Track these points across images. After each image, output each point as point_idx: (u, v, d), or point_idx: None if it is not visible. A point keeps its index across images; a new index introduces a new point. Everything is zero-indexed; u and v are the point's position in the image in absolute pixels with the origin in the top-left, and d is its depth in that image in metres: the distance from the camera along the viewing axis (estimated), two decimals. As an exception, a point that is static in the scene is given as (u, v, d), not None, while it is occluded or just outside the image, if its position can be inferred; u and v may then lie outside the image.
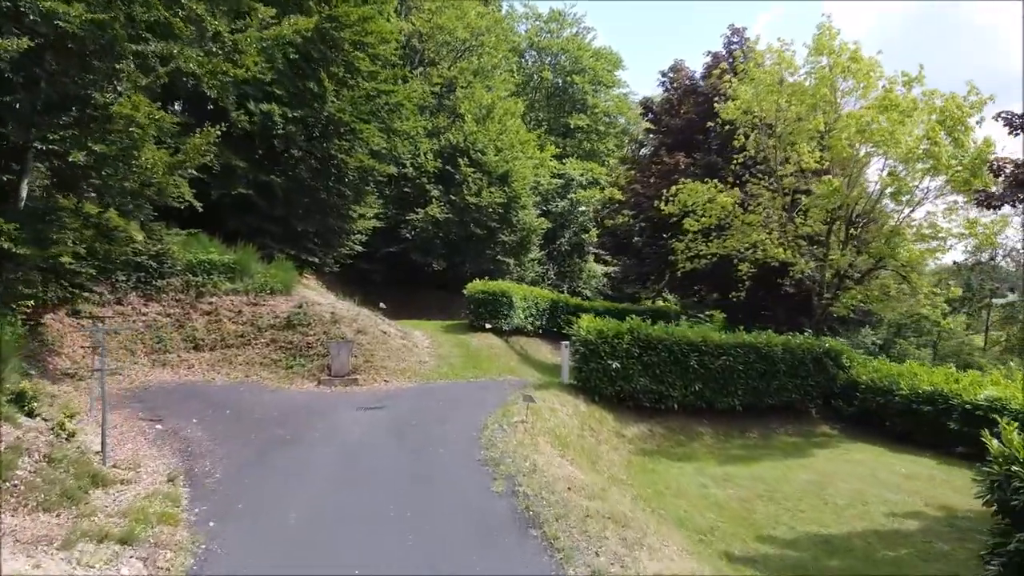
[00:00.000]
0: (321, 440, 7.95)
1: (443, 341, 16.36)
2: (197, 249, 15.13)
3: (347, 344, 12.53)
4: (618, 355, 10.62)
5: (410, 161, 25.33)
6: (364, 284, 26.10)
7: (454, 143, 26.07)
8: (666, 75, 21.01)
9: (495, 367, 14.50)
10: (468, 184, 24.88)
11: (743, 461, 9.66)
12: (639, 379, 10.65)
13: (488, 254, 25.85)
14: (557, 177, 36.94)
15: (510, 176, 26.24)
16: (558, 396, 10.34)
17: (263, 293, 14.85)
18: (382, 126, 19.09)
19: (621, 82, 46.64)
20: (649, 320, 11.72)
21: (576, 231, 37.66)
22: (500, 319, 17.89)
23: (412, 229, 24.69)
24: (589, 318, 11.60)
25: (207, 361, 13.12)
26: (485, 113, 28.01)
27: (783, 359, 11.24)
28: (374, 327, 14.56)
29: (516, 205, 26.40)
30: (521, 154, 27.92)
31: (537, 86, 44.98)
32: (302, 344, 13.44)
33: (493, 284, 17.93)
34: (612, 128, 44.70)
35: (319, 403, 10.27)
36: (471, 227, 24.98)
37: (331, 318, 14.24)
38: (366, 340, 13.76)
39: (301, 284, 17.69)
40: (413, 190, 25.37)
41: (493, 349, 16.48)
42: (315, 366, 12.75)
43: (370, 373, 12.64)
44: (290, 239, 17.57)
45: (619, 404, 10.79)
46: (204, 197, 16.21)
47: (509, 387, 11.61)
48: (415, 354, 14.55)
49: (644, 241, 18.66)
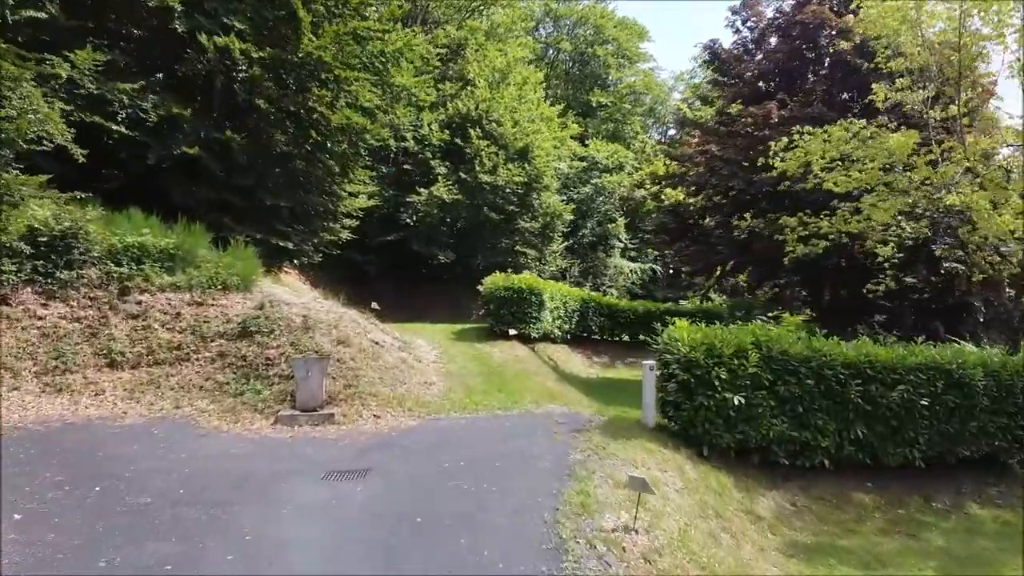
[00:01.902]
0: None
1: (455, 353, 12.74)
2: (126, 229, 11.56)
3: (320, 362, 8.90)
4: (740, 384, 6.99)
5: (411, 133, 21.73)
6: (355, 280, 22.52)
7: (463, 112, 22.46)
8: (737, 12, 17.44)
9: (529, 390, 10.86)
10: (481, 159, 21.27)
11: (966, 563, 6.06)
12: (772, 422, 6.99)
13: (505, 244, 22.26)
14: (579, 160, 33.36)
15: (530, 151, 22.61)
16: (649, 451, 6.70)
17: (213, 289, 11.25)
18: (375, 79, 15.44)
19: (646, 55, 42.93)
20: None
21: (600, 220, 34.14)
22: (528, 323, 14.25)
23: (414, 213, 21.08)
24: (686, 325, 7.92)
25: (125, 385, 9.53)
26: (500, 78, 24.38)
27: (985, 388, 7.55)
28: (361, 336, 10.95)
29: (538, 185, 22.78)
30: (544, 128, 24.30)
31: (553, 60, 41.29)
32: (259, 361, 9.82)
33: (518, 279, 14.31)
34: (638, 107, 40.94)
35: (264, 463, 6.66)
36: (484, 211, 21.38)
37: (302, 323, 10.62)
38: (350, 354, 10.13)
39: (270, 277, 14.12)
40: (415, 167, 21.77)
41: (521, 363, 12.85)
42: (275, 393, 9.13)
43: (353, 403, 9.01)
44: (257, 219, 13.98)
45: (738, 460, 7.17)
46: (138, 160, 12.69)
47: (563, 428, 7.96)
48: (418, 372, 10.93)
49: (719, 220, 14.98)
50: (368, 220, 21.54)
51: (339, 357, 9.92)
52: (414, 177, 21.99)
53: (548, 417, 8.90)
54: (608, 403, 11.34)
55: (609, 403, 11.37)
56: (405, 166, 21.58)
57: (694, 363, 7.06)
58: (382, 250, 21.52)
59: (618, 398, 12.17)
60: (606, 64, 39.41)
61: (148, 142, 12.41)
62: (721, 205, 14.52)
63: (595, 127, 38.24)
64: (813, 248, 10.29)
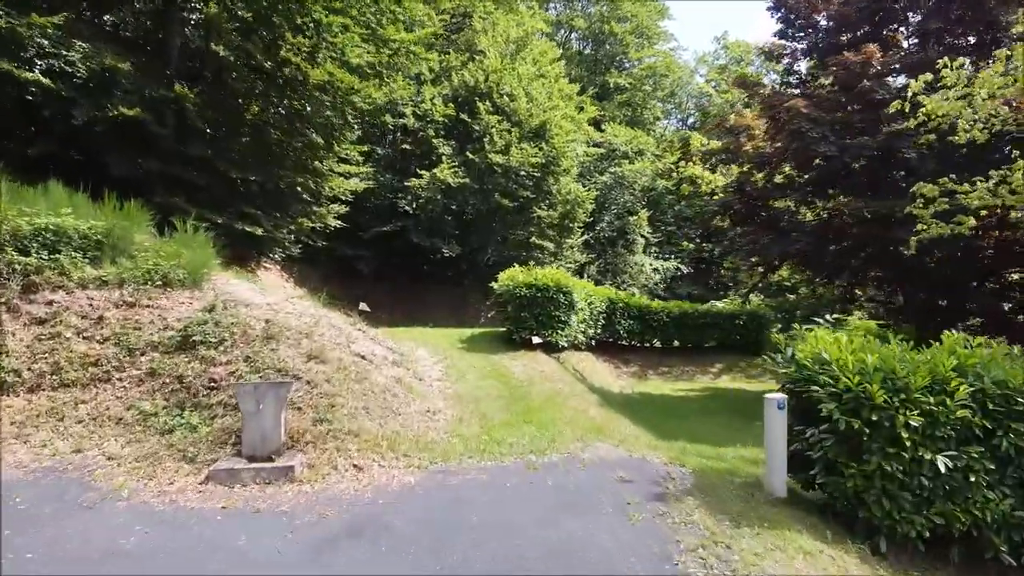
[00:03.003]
0: None
1: (465, 367, 10.21)
2: (39, 207, 9.10)
3: (278, 388, 6.35)
4: (941, 436, 4.41)
5: (411, 108, 19.20)
6: (347, 276, 20.03)
7: (471, 84, 19.90)
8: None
9: (566, 420, 8.30)
10: (491, 138, 18.71)
11: None
12: (988, 495, 4.39)
13: (519, 235, 19.70)
14: (595, 146, 30.82)
15: (548, 129, 20.04)
16: (808, 554, 4.09)
17: (150, 286, 8.76)
18: (366, 32, 12.89)
19: (666, 35, 40.27)
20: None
21: (619, 213, 31.61)
22: (555, 329, 11.71)
23: (414, 200, 18.55)
24: (835, 337, 5.25)
25: (15, 416, 7.03)
26: (514, 49, 21.81)
27: None
28: (343, 348, 8.42)
29: (556, 168, 20.19)
30: (563, 105, 21.72)
31: (566, 40, 38.67)
32: (200, 383, 7.30)
33: (543, 274, 11.76)
34: (658, 90, 38.31)
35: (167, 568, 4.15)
36: (495, 197, 18.82)
37: (264, 331, 8.10)
38: (325, 374, 7.60)
39: (236, 271, 11.60)
40: (415, 146, 19.23)
41: (549, 381, 10.30)
42: (215, 431, 6.60)
43: (326, 447, 6.45)
44: (219, 199, 11.47)
45: (931, 555, 4.59)
46: (64, 120, 10.21)
47: (635, 492, 5.43)
48: (418, 396, 8.39)
49: (798, 200, 12.27)
50: (361, 208, 19.04)
51: (310, 378, 7.38)
52: (414, 159, 19.46)
53: (604, 468, 6.34)
54: (668, 436, 8.79)
55: (669, 435, 8.82)
56: (404, 145, 19.05)
57: (865, 400, 4.50)
58: (377, 243, 19.03)
59: (677, 428, 9.62)
60: (624, 43, 36.78)
61: (75, 98, 9.91)
62: (795, 182, 11.86)
63: (611, 111, 35.64)
64: (956, 227, 7.73)
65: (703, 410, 12.29)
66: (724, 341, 19.87)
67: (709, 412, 12.06)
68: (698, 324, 19.52)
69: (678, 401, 14.19)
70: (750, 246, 13.31)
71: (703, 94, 39.30)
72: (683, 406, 13.03)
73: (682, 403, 13.69)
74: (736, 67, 39.22)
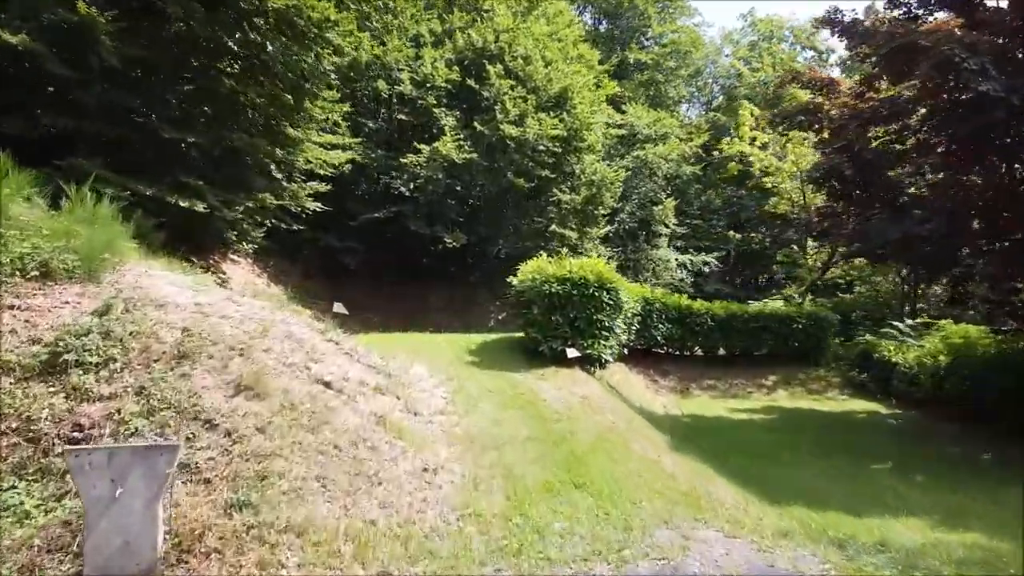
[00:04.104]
0: None
1: (478, 392, 7.48)
2: None
3: (154, 456, 3.64)
4: None
5: (408, 74, 16.49)
6: (333, 271, 17.36)
7: (478, 45, 17.18)
8: None
9: (635, 482, 5.57)
10: (503, 106, 15.98)
11: None
12: None
13: (537, 223, 16.96)
14: (615, 127, 28.09)
15: (569, 98, 17.29)
16: None
17: (20, 276, 6.07)
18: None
19: (690, 9, 37.49)
20: None
21: (642, 203, 28.91)
22: (596, 338, 8.98)
23: (410, 180, 15.84)
24: None
25: None
26: (527, 8, 19.08)
27: None
28: (296, 372, 5.72)
29: (579, 144, 17.43)
30: (585, 71, 18.99)
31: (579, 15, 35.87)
32: (59, 431, 4.58)
33: (580, 265, 9.07)
34: (683, 68, 35.49)
35: None
36: (508, 177, 16.10)
37: (175, 347, 5.41)
38: (259, 418, 4.88)
39: (169, 260, 8.85)
40: (412, 116, 16.50)
41: (596, 412, 7.55)
42: (56, 524, 3.88)
43: (242, 562, 3.72)
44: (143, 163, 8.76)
45: None
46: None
47: None
48: (411, 444, 5.66)
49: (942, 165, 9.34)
50: (348, 190, 16.35)
51: (232, 426, 4.65)
52: (412, 132, 16.76)
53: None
54: (779, 496, 6.04)
55: (780, 495, 6.07)
56: (399, 116, 16.33)
57: None
58: (368, 232, 16.35)
59: (779, 479, 6.87)
60: (644, 15, 34.01)
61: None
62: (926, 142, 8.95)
63: (631, 90, 32.84)
64: None
65: (788, 445, 9.55)
66: (778, 349, 17.11)
67: (798, 448, 9.31)
68: (748, 328, 16.78)
69: (745, 429, 11.45)
70: (855, 228, 10.48)
71: (731, 74, 36.46)
72: (757, 437, 10.29)
73: (752, 432, 10.96)
74: (767, 44, 36.43)
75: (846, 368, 17.13)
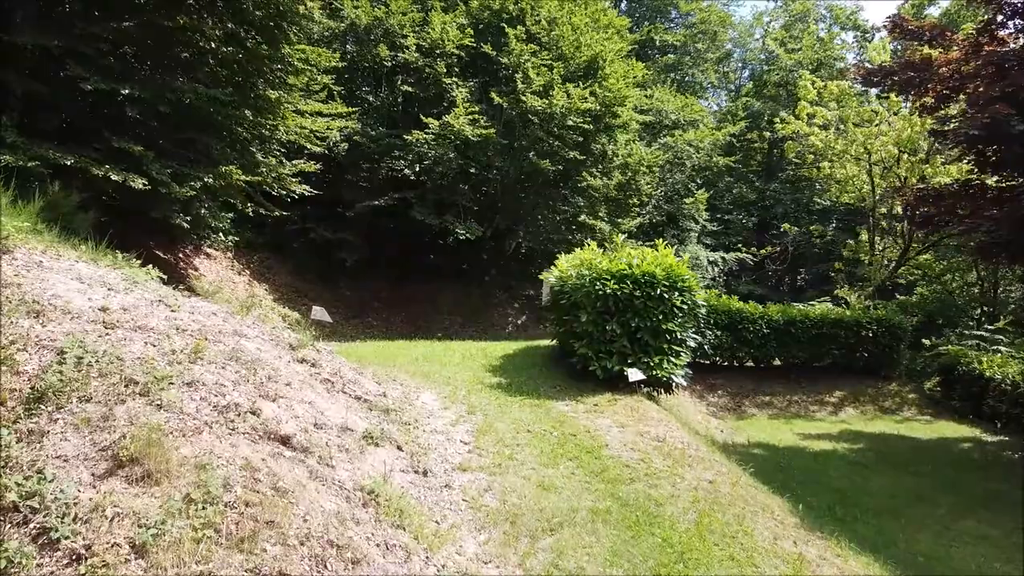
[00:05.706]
0: None
1: (511, 434, 5.38)
2: None
3: None
4: None
5: (413, 40, 14.43)
6: (327, 268, 15.32)
7: (496, 7, 15.08)
8: None
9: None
10: (525, 75, 13.87)
11: None
12: None
13: (562, 212, 14.82)
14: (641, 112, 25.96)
15: (601, 66, 15.15)
16: None
17: None
18: None
19: (719, -14, 35.24)
20: None
21: (669, 195, 26.83)
22: (666, 355, 6.87)
23: (416, 161, 13.77)
24: None
25: None
26: (547, -34, 16.93)
27: None
28: (238, 416, 3.61)
29: (612, 121, 15.27)
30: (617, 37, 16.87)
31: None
32: None
33: (642, 256, 6.98)
34: (714, 49, 33.30)
35: None
36: (530, 158, 13.98)
37: (34, 378, 3.31)
38: (140, 522, 2.76)
39: (124, 254, 6.79)
40: (419, 88, 14.42)
41: (683, 464, 5.41)
42: None
43: None
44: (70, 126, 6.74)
45: None
46: None
47: None
48: (416, 542, 3.55)
49: None
50: (343, 174, 14.32)
51: (85, 543, 2.56)
52: (418, 105, 14.68)
53: None
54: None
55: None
56: (404, 86, 14.24)
57: None
58: (367, 222, 14.29)
59: (933, 553, 4.75)
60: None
61: None
62: None
63: (655, 73, 30.67)
64: None
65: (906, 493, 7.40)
66: (844, 360, 14.93)
67: (925, 499, 7.16)
68: (810, 336, 14.61)
69: (833, 464, 9.29)
70: (1011, 212, 8.17)
71: (766, 58, 34.12)
72: (859, 481, 8.15)
73: (845, 470, 8.82)
74: (802, 25, 34.08)
75: (923, 382, 14.99)
